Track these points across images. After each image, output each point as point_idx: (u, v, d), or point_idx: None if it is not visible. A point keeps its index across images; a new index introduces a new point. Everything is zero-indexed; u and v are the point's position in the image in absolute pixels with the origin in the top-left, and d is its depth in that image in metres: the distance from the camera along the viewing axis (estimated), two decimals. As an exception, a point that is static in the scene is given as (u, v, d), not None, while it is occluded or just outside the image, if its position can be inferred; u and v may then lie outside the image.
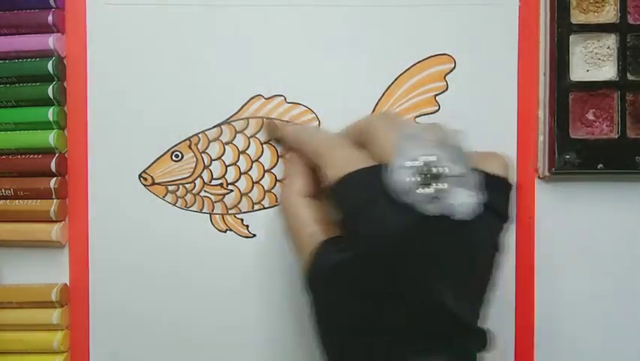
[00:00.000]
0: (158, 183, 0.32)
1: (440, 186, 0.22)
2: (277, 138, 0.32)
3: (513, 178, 0.26)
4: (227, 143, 0.32)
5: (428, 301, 0.22)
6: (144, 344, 0.32)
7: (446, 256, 0.22)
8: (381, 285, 0.22)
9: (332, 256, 0.24)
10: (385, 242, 0.22)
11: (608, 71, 0.32)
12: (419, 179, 0.22)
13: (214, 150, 0.32)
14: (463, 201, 0.22)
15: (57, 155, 0.32)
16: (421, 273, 0.22)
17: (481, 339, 0.24)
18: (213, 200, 0.32)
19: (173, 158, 0.32)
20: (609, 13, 0.32)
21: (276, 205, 0.32)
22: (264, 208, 0.32)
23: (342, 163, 0.24)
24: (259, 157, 0.32)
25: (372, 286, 0.23)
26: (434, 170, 0.22)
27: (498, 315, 0.32)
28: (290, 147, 0.31)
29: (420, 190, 0.22)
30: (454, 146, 0.23)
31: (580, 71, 0.32)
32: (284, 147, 0.32)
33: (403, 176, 0.22)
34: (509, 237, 0.32)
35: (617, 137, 0.31)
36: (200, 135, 0.32)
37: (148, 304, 0.32)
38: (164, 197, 0.32)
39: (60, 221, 0.32)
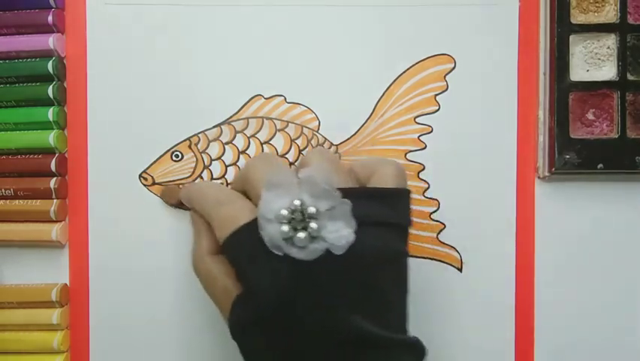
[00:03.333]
0: (158, 183, 0.32)
1: (312, 226, 0.22)
2: (176, 202, 0.31)
3: (406, 182, 0.26)
4: (227, 143, 0.32)
5: (336, 334, 0.22)
6: (144, 344, 0.32)
7: (343, 287, 0.23)
8: (285, 332, 0.23)
9: (239, 313, 0.24)
10: (269, 300, 0.22)
11: (608, 71, 0.32)
12: (288, 227, 0.22)
13: (214, 150, 0.32)
14: (339, 234, 0.22)
15: (57, 155, 0.32)
16: (320, 311, 0.22)
17: (414, 350, 0.24)
18: (213, 200, 0.32)
19: (173, 158, 0.32)
20: (609, 13, 0.32)
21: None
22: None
23: (226, 222, 0.24)
24: (259, 157, 0.32)
25: (278, 334, 0.23)
26: (302, 213, 0.22)
27: (498, 315, 0.32)
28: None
29: (295, 236, 0.22)
30: (316, 181, 0.23)
31: (580, 71, 0.32)
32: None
33: (272, 229, 0.22)
34: (509, 237, 0.32)
35: (617, 137, 0.31)
36: (200, 135, 0.32)
37: (148, 303, 0.32)
38: (164, 197, 0.32)
39: (60, 221, 0.32)
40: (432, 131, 0.32)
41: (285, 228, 0.22)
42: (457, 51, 0.32)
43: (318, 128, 0.32)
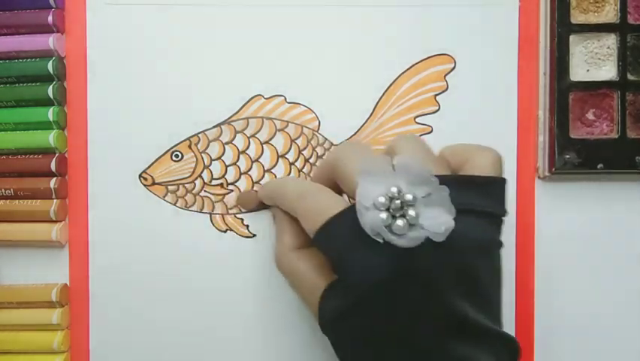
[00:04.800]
0: (158, 183, 0.32)
1: (411, 213, 0.22)
2: (256, 205, 0.32)
3: (503, 170, 0.26)
4: (227, 143, 0.32)
5: (441, 319, 0.22)
6: (144, 344, 0.32)
7: (445, 274, 0.22)
8: (386, 318, 0.22)
9: (333, 304, 0.24)
10: (371, 287, 0.22)
11: (608, 71, 0.32)
12: (387, 215, 0.22)
13: (214, 150, 0.32)
14: (437, 221, 0.22)
15: (57, 155, 0.32)
16: (416, 303, 0.22)
17: (511, 347, 0.24)
18: (213, 200, 0.32)
19: (173, 158, 0.32)
20: (609, 13, 0.32)
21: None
22: (264, 208, 0.32)
23: (314, 214, 0.24)
24: (259, 157, 0.32)
25: (378, 320, 0.23)
26: (400, 200, 0.22)
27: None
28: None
29: (393, 224, 0.22)
30: (412, 167, 0.23)
31: (580, 71, 0.32)
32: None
33: (370, 216, 0.22)
34: (509, 237, 0.32)
35: (617, 137, 0.31)
36: (200, 135, 0.32)
37: (148, 304, 0.32)
38: (164, 197, 0.32)
39: (60, 221, 0.32)
40: (432, 131, 0.32)
41: (384, 215, 0.22)
42: (457, 51, 0.32)
43: (318, 128, 0.32)
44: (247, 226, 0.32)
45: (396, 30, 0.32)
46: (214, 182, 0.32)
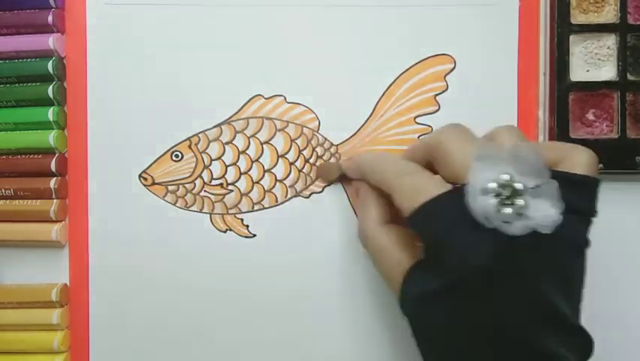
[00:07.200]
0: (158, 183, 0.32)
1: (519, 202, 0.22)
2: (336, 178, 0.31)
3: (596, 172, 0.26)
4: (227, 143, 0.32)
5: (535, 310, 0.22)
6: (144, 344, 0.32)
7: (541, 267, 0.22)
8: (479, 303, 0.22)
9: (421, 284, 0.24)
10: (475, 271, 0.22)
11: (608, 71, 0.32)
12: (497, 200, 0.22)
13: (214, 150, 0.32)
14: (545, 213, 0.22)
15: (57, 155, 0.32)
16: (515, 293, 0.22)
17: (586, 347, 0.24)
18: (213, 200, 0.32)
19: (173, 158, 0.32)
20: (609, 13, 0.32)
21: (275, 205, 0.32)
22: (264, 208, 0.32)
23: (414, 192, 0.24)
24: (259, 157, 0.32)
25: (471, 305, 0.22)
26: (511, 188, 0.22)
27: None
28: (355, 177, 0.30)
29: (501, 211, 0.22)
30: (526, 157, 0.23)
31: (580, 71, 0.32)
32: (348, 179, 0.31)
33: (482, 200, 0.22)
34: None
35: (617, 137, 0.31)
36: (200, 135, 0.32)
37: (148, 304, 0.32)
38: (164, 197, 0.32)
39: (60, 221, 0.32)
40: (432, 131, 0.32)
41: (494, 201, 0.22)
42: (457, 51, 0.32)
43: (318, 128, 0.32)
44: (247, 226, 0.32)
45: (397, 30, 0.32)
46: (214, 182, 0.32)
